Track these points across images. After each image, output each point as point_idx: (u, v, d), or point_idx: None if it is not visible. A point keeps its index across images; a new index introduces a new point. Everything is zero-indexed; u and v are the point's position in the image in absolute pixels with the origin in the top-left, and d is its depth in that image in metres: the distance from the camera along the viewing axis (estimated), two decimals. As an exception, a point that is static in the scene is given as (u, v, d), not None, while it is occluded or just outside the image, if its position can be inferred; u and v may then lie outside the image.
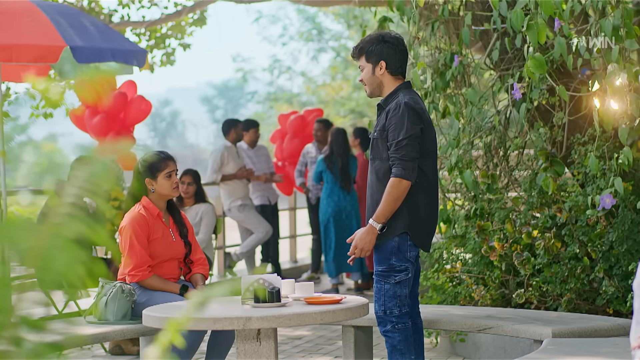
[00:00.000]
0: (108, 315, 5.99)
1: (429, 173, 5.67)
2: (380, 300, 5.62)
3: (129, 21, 16.83)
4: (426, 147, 5.65)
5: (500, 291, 7.45)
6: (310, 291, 5.46)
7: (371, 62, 5.73)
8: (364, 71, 5.76)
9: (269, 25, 79.39)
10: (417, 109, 5.61)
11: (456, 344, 7.84)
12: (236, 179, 12.08)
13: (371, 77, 5.74)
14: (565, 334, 5.38)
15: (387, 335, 5.63)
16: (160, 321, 5.13)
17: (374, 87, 5.77)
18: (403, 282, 5.61)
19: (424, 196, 5.63)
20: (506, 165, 8.16)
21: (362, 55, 5.76)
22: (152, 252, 6.14)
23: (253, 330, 5.15)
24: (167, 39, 17.43)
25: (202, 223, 9.79)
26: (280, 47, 66.86)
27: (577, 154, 7.46)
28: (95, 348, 8.36)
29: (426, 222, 5.68)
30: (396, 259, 5.59)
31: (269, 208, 12.65)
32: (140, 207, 6.19)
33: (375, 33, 5.84)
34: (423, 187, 5.62)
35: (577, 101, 7.65)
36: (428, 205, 5.68)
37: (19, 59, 8.05)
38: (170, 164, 6.27)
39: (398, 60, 5.74)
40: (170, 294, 6.08)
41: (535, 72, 6.37)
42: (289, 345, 8.38)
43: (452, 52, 7.85)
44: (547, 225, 7.31)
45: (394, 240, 5.57)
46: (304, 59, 52.55)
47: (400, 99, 5.62)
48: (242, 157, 12.40)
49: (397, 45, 5.75)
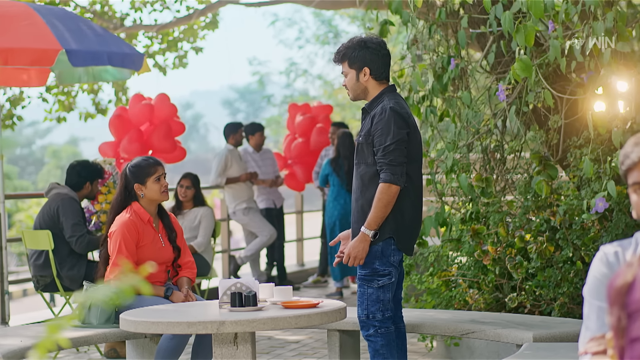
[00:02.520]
0: (91, 318, 6.00)
1: (414, 178, 5.65)
2: (363, 304, 5.60)
3: (141, 25, 16.88)
4: (412, 152, 5.63)
5: (494, 295, 7.41)
6: (289, 295, 5.44)
7: (354, 68, 5.71)
8: (348, 77, 5.74)
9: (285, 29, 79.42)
10: (403, 113, 5.60)
11: (451, 348, 7.80)
12: (240, 182, 12.08)
13: (355, 83, 5.72)
14: (546, 339, 5.35)
15: (370, 339, 5.61)
16: (136, 325, 5.12)
17: (358, 92, 5.75)
18: (386, 287, 5.60)
19: (409, 201, 5.62)
20: (503, 169, 8.11)
21: (345, 61, 5.73)
22: (141, 258, 6.15)
23: (230, 334, 5.14)
24: (179, 42, 17.47)
25: (200, 226, 9.80)
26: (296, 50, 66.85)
27: (572, 157, 7.41)
28: (91, 351, 8.37)
29: (411, 226, 5.67)
30: (380, 263, 5.58)
31: (274, 211, 12.64)
32: (130, 212, 6.20)
33: (357, 38, 5.78)
34: (408, 192, 5.60)
35: (573, 104, 7.60)
36: (413, 209, 5.66)
37: (14, 62, 8.07)
38: (158, 168, 6.28)
39: (381, 65, 5.72)
40: (156, 297, 6.09)
41: (521, 74, 6.34)
42: (286, 349, 8.37)
43: (449, 55, 7.82)
44: (542, 229, 7.27)
45: (378, 244, 5.56)
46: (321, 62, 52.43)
47: (386, 104, 5.60)
48: (247, 160, 12.40)
49: (380, 50, 5.72)
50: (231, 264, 12.34)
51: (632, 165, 2.78)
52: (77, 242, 7.98)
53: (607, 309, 2.21)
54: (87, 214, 8.35)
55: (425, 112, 8.04)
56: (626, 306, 2.17)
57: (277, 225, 12.50)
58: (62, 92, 16.86)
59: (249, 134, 12.60)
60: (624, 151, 2.83)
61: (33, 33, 8.18)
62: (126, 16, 16.73)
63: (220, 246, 12.68)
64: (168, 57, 17.52)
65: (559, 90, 7.36)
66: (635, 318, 2.14)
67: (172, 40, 17.30)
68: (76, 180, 8.26)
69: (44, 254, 8.12)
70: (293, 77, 40.02)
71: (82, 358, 8.13)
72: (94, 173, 8.32)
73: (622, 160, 2.82)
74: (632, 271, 2.18)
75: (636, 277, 2.16)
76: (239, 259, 12.28)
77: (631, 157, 2.78)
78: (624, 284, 2.19)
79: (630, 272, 2.18)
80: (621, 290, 2.18)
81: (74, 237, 7.98)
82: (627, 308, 2.16)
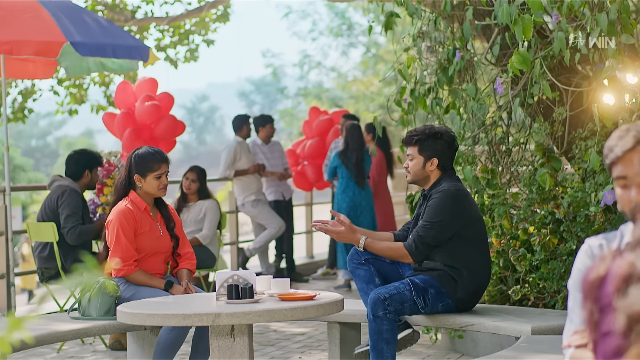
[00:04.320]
0: (91, 311, 6.01)
1: (486, 257, 5.97)
2: (391, 292, 5.68)
3: (152, 17, 16.89)
4: (478, 232, 5.94)
5: (498, 288, 7.40)
6: (286, 287, 5.44)
7: (424, 155, 5.93)
8: (413, 162, 5.95)
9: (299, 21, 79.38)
10: (460, 195, 5.85)
11: (455, 341, 7.80)
12: (249, 174, 12.08)
13: (420, 170, 5.94)
14: (544, 331, 5.33)
15: (376, 320, 5.61)
16: (132, 317, 5.12)
17: (419, 178, 5.98)
18: (414, 306, 5.77)
19: (480, 282, 5.91)
20: (508, 161, 8.09)
21: (416, 146, 5.93)
22: (138, 246, 6.16)
23: (227, 326, 5.14)
24: (190, 35, 17.47)
25: (206, 219, 9.81)
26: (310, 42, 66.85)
27: (577, 149, 7.38)
28: (96, 343, 8.39)
29: (472, 301, 5.95)
30: (432, 295, 5.80)
31: (283, 204, 12.64)
32: (127, 201, 6.21)
33: (430, 127, 6.02)
34: (479, 274, 5.89)
35: (579, 96, 7.56)
36: (478, 287, 5.94)
37: (19, 52, 8.09)
38: (162, 166, 6.26)
39: (450, 158, 5.95)
40: (156, 289, 6.09)
41: (519, 67, 6.32)
42: (291, 341, 8.37)
43: (454, 47, 7.80)
44: (546, 222, 7.24)
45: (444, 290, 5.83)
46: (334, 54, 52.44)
47: (444, 186, 5.84)
48: (256, 152, 12.40)
49: (452, 144, 5.96)
50: (240, 256, 12.34)
51: (615, 159, 2.77)
52: (68, 233, 8.01)
53: (581, 303, 2.20)
54: (92, 206, 8.36)
55: (432, 104, 8.02)
56: (598, 300, 2.15)
57: (285, 218, 12.50)
58: (74, 84, 16.89)
59: (258, 126, 12.59)
60: (609, 144, 2.81)
61: (38, 25, 8.20)
62: (137, 9, 16.75)
63: (229, 238, 12.69)
64: (179, 50, 17.53)
65: (564, 83, 7.33)
66: (606, 312, 2.12)
67: (184, 33, 17.30)
68: (75, 169, 8.27)
69: (49, 246, 8.14)
70: (307, 69, 40.00)
71: (87, 350, 8.15)
72: (92, 161, 8.33)
73: (607, 154, 2.81)
74: (605, 265, 2.17)
75: (608, 271, 2.15)
76: (247, 251, 12.29)
77: (615, 151, 2.77)
78: (596, 277, 2.17)
79: (603, 265, 2.17)
80: (594, 284, 2.17)
81: (66, 228, 8.02)
82: (599, 302, 2.15)
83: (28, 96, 16.99)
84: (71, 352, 8.10)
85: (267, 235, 12.13)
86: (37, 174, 44.76)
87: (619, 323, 2.02)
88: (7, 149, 8.70)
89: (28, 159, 48.51)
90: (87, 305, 6.02)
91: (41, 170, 57.41)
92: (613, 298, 2.09)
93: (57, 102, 17.23)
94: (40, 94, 17.17)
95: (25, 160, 45.03)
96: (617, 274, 2.09)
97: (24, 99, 16.88)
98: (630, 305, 2.00)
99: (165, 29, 17.26)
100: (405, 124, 8.15)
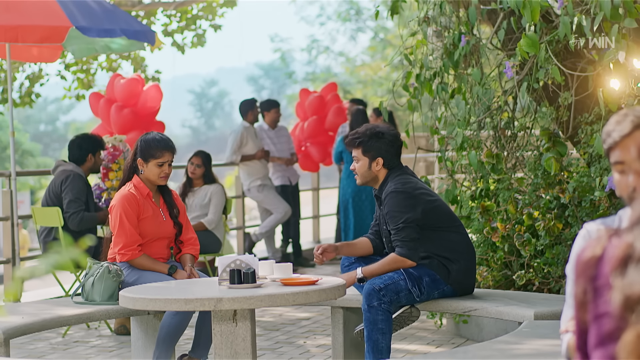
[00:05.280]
0: (95, 295, 6.01)
1: (464, 237, 5.99)
2: (386, 282, 5.68)
3: (159, 2, 16.89)
4: (443, 216, 5.93)
5: (502, 273, 7.38)
6: (289, 272, 5.43)
7: (368, 156, 5.94)
8: (360, 164, 5.98)
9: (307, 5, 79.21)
10: (408, 189, 5.84)
11: (460, 326, 7.79)
12: (255, 159, 12.08)
13: (367, 171, 5.97)
14: (548, 316, 5.32)
15: (371, 310, 5.62)
16: (134, 302, 5.13)
17: (367, 179, 6.01)
18: (410, 295, 5.76)
19: (464, 263, 5.91)
20: (513, 146, 8.07)
21: (360, 147, 5.95)
22: (142, 231, 6.16)
23: (229, 311, 5.14)
24: (198, 20, 17.46)
25: (211, 204, 9.81)
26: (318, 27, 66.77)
27: (583, 134, 7.36)
28: (101, 328, 8.41)
29: (468, 282, 5.97)
30: (427, 283, 5.80)
31: (289, 188, 12.63)
32: (130, 186, 6.21)
33: (372, 127, 6.01)
34: (462, 254, 5.91)
35: (584, 80, 7.54)
36: (469, 269, 5.96)
37: (24, 39, 8.10)
38: (166, 154, 6.23)
39: (394, 156, 5.96)
40: (159, 274, 6.09)
41: (528, 51, 6.30)
42: (295, 326, 8.38)
43: (460, 32, 7.77)
44: (551, 206, 7.22)
45: (438, 276, 5.84)
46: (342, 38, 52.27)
47: (390, 187, 5.86)
48: (263, 137, 12.39)
49: (394, 142, 5.96)
50: (246, 241, 12.35)
51: (613, 145, 2.75)
52: (70, 219, 8.02)
53: (573, 281, 2.19)
54: (97, 190, 8.36)
55: (437, 89, 8.00)
56: (593, 279, 2.14)
57: (292, 203, 12.50)
58: (81, 69, 16.91)
59: (264, 111, 12.58)
60: (607, 129, 2.79)
61: (43, 10, 8.20)
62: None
63: (235, 223, 12.69)
64: (186, 35, 17.52)
65: (570, 67, 7.30)
66: (602, 293, 2.11)
67: (191, 18, 17.30)
68: (78, 154, 8.27)
69: (54, 231, 8.15)
70: (315, 54, 39.95)
71: (92, 335, 8.17)
72: (95, 144, 8.33)
73: (604, 139, 2.79)
74: (602, 245, 2.16)
75: (605, 251, 2.14)
76: (253, 235, 12.29)
77: (612, 136, 2.75)
78: (592, 256, 2.16)
79: (600, 245, 2.16)
80: (589, 262, 2.16)
81: (67, 213, 8.02)
82: (594, 281, 2.14)
83: (35, 81, 17.01)
84: (76, 336, 8.11)
85: (273, 220, 12.13)
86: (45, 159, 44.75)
87: (615, 302, 2.01)
88: (13, 133, 8.71)
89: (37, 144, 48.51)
90: (90, 290, 6.03)
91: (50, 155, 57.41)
92: (610, 278, 2.08)
93: (64, 87, 17.25)
94: (48, 79, 17.19)
95: (33, 145, 45.02)
96: (614, 255, 2.08)
97: (31, 83, 16.90)
98: (628, 285, 1.99)
99: (173, 14, 17.26)
100: (412, 108, 8.15)
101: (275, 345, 7.58)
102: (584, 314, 2.17)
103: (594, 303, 2.14)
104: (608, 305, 2.08)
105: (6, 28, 8.05)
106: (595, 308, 2.13)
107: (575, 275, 2.19)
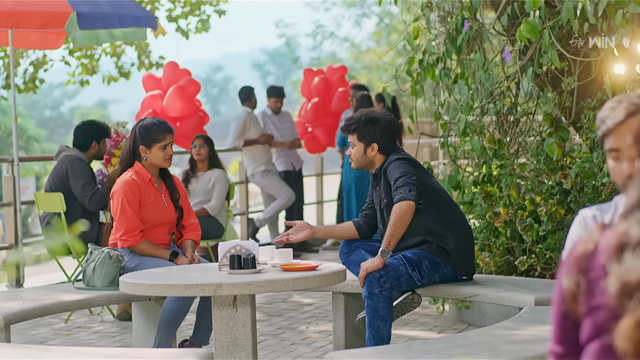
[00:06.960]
0: (96, 281, 6.02)
1: (461, 217, 6.01)
2: (387, 268, 5.65)
3: (164, -13, 16.84)
4: (441, 194, 5.95)
5: (505, 258, 7.38)
6: (289, 258, 5.43)
7: (363, 142, 5.97)
8: (355, 149, 5.99)
9: (312, -10, 79.08)
10: (411, 159, 5.90)
11: (462, 311, 7.79)
12: (259, 145, 12.08)
13: (362, 156, 5.99)
14: (548, 302, 5.31)
15: (372, 298, 5.61)
16: (134, 287, 5.13)
17: (363, 164, 6.03)
18: (410, 280, 5.75)
19: (461, 232, 5.93)
20: (515, 131, 8.05)
21: (355, 133, 5.97)
22: (143, 217, 6.16)
23: (229, 296, 5.14)
24: (202, 5, 17.41)
25: (214, 189, 9.80)
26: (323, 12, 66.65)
27: (586, 119, 7.34)
28: (104, 314, 8.42)
29: (468, 260, 5.98)
30: (427, 266, 5.80)
31: (293, 174, 12.63)
32: (132, 172, 6.21)
33: (367, 113, 6.02)
34: (457, 225, 5.92)
35: (587, 66, 7.52)
36: (467, 240, 5.96)
37: (25, 25, 8.09)
38: (167, 136, 6.25)
39: (390, 141, 5.96)
40: (160, 260, 6.09)
41: (528, 36, 6.28)
42: (298, 312, 8.38)
43: (462, 17, 7.75)
44: (553, 192, 7.21)
45: (438, 258, 5.85)
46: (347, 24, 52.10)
47: (392, 157, 5.89)
48: (266, 123, 12.40)
49: (389, 127, 5.96)
50: (250, 227, 12.35)
51: (607, 131, 2.74)
52: (90, 201, 8.02)
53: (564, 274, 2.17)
54: (100, 176, 8.35)
55: (440, 75, 7.99)
56: (587, 272, 2.13)
57: (295, 188, 12.50)
58: (85, 55, 16.88)
59: (268, 97, 12.60)
60: (601, 115, 2.78)
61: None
62: (149, -21, 16.70)
63: (239, 209, 12.69)
64: (190, 21, 17.48)
65: (573, 53, 7.28)
66: (596, 285, 2.10)
67: (195, 3, 17.25)
68: (83, 140, 8.27)
69: (56, 217, 8.16)
70: (320, 40, 39.89)
71: (94, 320, 8.18)
72: (100, 132, 8.32)
73: (599, 125, 2.78)
74: (594, 239, 2.14)
75: (597, 245, 2.13)
76: (257, 221, 12.30)
77: (606, 123, 2.74)
78: (584, 251, 2.15)
79: (592, 240, 2.14)
80: (582, 256, 2.14)
81: (86, 197, 8.02)
82: (587, 274, 2.12)
83: (39, 67, 16.98)
84: (79, 322, 8.13)
85: (277, 205, 12.13)
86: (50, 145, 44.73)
87: (612, 289, 2.00)
88: (15, 119, 8.71)
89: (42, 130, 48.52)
90: (91, 275, 6.03)
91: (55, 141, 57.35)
92: (605, 268, 2.06)
93: (68, 73, 17.22)
94: (52, 64, 17.16)
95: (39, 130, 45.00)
96: (609, 244, 2.07)
97: (35, 69, 16.88)
98: (625, 272, 1.98)
99: (177, 0, 17.21)
100: (415, 93, 8.14)
101: (277, 331, 7.59)
102: (574, 306, 2.15)
103: (588, 295, 2.12)
104: (603, 297, 2.07)
105: (7, 14, 8.04)
106: (589, 300, 2.11)
107: (566, 268, 2.17)
